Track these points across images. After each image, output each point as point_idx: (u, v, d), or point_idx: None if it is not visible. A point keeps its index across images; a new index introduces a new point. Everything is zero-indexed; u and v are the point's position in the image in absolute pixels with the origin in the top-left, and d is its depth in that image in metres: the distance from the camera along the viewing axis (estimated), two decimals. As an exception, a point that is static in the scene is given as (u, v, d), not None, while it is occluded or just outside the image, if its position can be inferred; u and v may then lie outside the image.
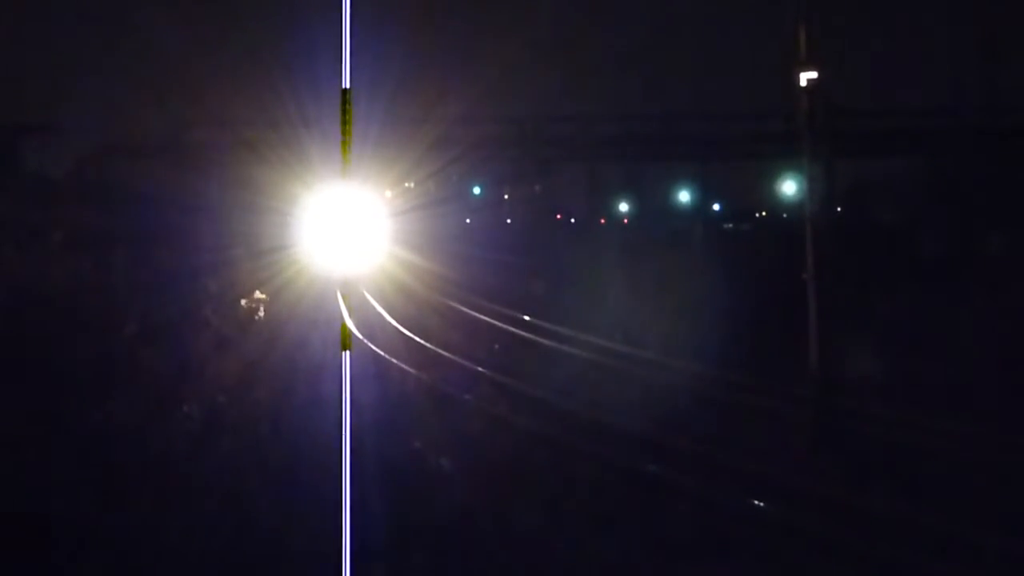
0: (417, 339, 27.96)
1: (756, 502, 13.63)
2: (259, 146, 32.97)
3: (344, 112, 6.16)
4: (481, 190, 53.99)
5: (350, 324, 7.14)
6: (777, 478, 14.58)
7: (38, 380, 18.71)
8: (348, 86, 6.22)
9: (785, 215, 46.01)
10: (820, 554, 12.01)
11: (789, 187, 37.34)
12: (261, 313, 29.75)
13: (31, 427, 15.81)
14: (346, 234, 7.15)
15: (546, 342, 28.10)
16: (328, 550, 7.46)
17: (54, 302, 25.99)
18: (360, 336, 24.66)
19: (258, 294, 29.99)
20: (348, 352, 6.97)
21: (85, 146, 37.45)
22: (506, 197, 58.80)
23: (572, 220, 62.07)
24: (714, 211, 58.96)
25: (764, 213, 58.56)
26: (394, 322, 30.85)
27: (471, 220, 56.16)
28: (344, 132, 6.20)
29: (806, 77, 17.78)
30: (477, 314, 33.93)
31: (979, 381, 19.33)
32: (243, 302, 30.48)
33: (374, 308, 32.79)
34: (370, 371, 21.60)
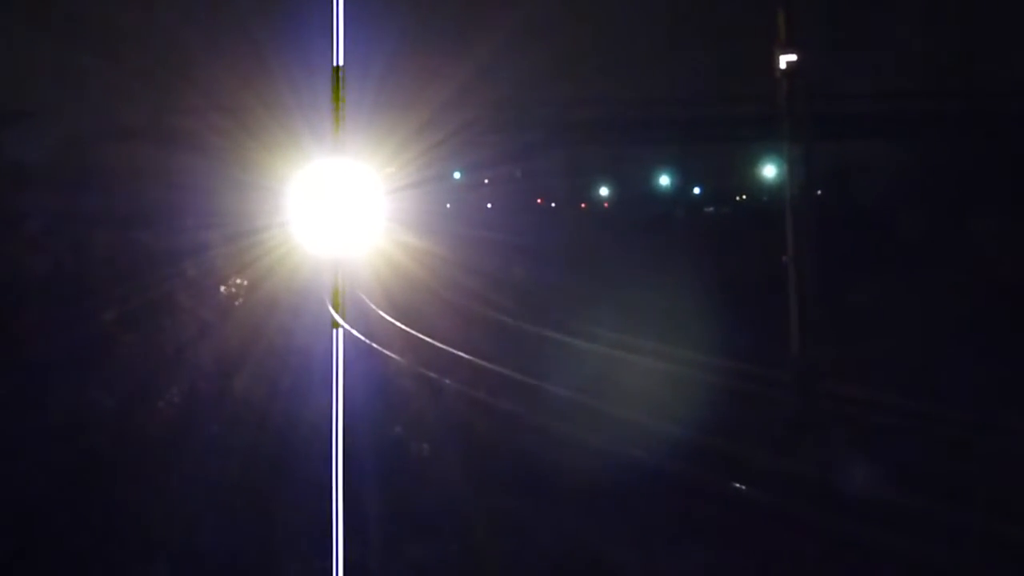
0: (397, 322, 27.97)
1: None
2: (247, 124, 32.77)
3: (336, 90, 6.11)
4: (462, 174, 53.78)
5: (336, 316, 7.10)
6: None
7: (16, 366, 18.58)
8: (341, 63, 6.17)
9: (766, 198, 46.11)
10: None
11: (769, 170, 37.41)
12: (240, 300, 29.54)
13: (7, 413, 15.72)
14: (332, 215, 7.13)
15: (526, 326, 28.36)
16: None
17: (31, 288, 25.80)
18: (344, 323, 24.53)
19: (239, 280, 29.80)
20: (338, 331, 6.93)
21: (64, 131, 37.14)
22: (486, 182, 58.59)
23: (553, 205, 62.06)
24: (695, 195, 59.10)
25: (744, 196, 58.71)
26: (368, 299, 30.88)
27: (451, 205, 55.97)
28: (335, 110, 6.15)
29: (786, 60, 17.75)
30: (460, 299, 33.99)
31: (955, 362, 19.41)
32: (223, 288, 30.23)
33: (354, 287, 32.71)
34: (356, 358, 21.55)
